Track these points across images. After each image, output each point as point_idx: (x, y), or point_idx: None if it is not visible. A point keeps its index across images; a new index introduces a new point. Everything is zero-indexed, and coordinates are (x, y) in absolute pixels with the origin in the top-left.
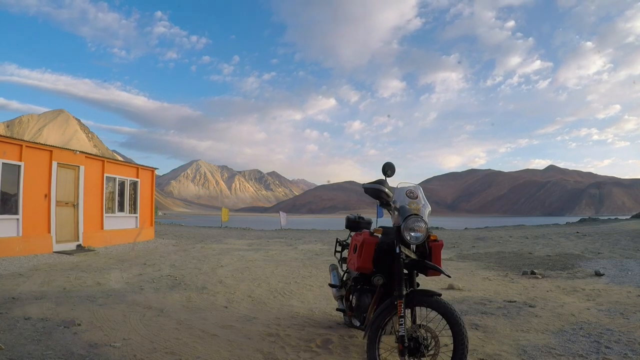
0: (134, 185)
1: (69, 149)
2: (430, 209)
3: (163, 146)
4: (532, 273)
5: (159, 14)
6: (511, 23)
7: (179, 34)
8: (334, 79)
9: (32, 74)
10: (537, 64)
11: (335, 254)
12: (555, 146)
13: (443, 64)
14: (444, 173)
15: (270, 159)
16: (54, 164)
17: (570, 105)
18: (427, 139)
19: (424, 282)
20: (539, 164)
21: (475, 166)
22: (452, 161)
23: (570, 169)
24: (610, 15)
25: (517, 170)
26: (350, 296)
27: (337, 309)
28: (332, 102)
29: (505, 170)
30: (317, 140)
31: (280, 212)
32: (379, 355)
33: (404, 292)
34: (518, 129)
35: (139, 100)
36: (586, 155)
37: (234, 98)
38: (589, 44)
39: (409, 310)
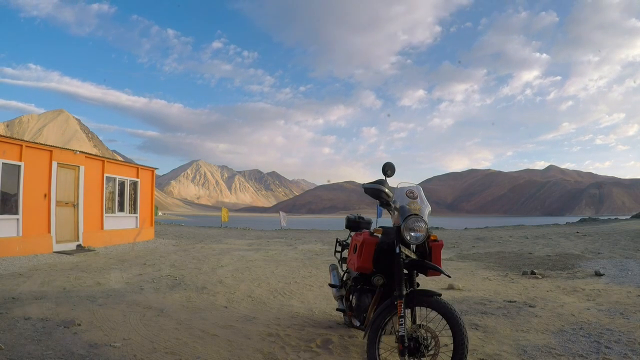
0: (134, 185)
1: (69, 149)
2: (430, 209)
3: (180, 149)
4: (532, 273)
5: (218, 32)
6: (538, 43)
7: (234, 49)
8: (363, 90)
9: (72, 82)
10: (551, 78)
11: (335, 254)
12: (560, 150)
13: (466, 77)
14: (444, 173)
15: (285, 162)
16: (54, 164)
17: (576, 113)
18: (439, 143)
19: (424, 282)
20: (543, 165)
21: (480, 167)
22: (461, 163)
23: (570, 169)
24: (616, 33)
25: (517, 170)
26: (350, 296)
27: (337, 309)
28: (356, 109)
29: (507, 170)
30: (334, 144)
31: (280, 212)
32: (379, 355)
33: (404, 292)
34: (526, 134)
35: (174, 108)
36: (588, 158)
37: (266, 105)
38: (596, 59)
39: (409, 310)
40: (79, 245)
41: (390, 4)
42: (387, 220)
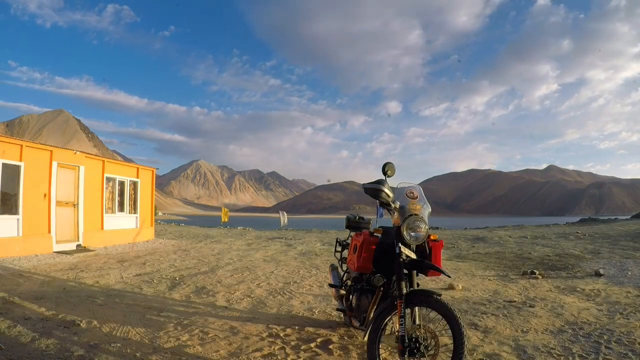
0: (134, 185)
1: (69, 149)
2: (430, 209)
3: (200, 152)
4: (532, 273)
5: (274, 52)
6: (554, 64)
7: (287, 67)
8: (390, 101)
9: (118, 93)
10: (562, 92)
11: (335, 254)
12: (564, 155)
13: (486, 91)
14: (444, 173)
15: (300, 165)
16: (54, 164)
17: (582, 122)
18: (453, 148)
19: (424, 282)
20: (544, 165)
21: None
22: (468, 165)
23: (570, 169)
24: (622, 56)
25: (517, 170)
26: (350, 296)
27: (337, 309)
28: (380, 117)
29: (507, 170)
30: (353, 148)
31: (280, 212)
32: (379, 355)
33: (404, 292)
34: (534, 139)
35: (212, 116)
36: (590, 161)
37: (298, 114)
38: (603, 75)
39: (409, 310)
40: (79, 245)
41: (437, 33)
42: (387, 220)
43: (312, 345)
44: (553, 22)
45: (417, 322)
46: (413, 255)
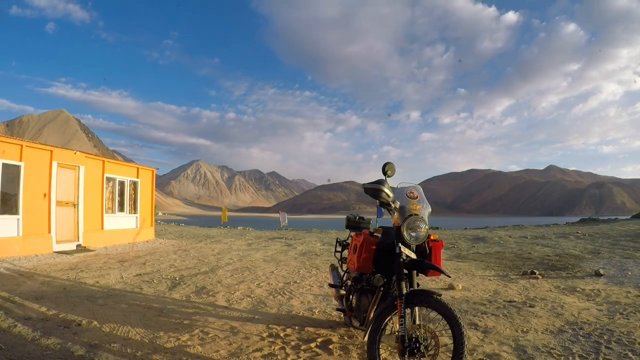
0: (134, 185)
1: (69, 149)
2: (430, 209)
3: (216, 153)
4: (532, 273)
5: (308, 77)
6: (566, 79)
7: (323, 84)
8: (412, 110)
9: (164, 103)
10: (568, 101)
11: (335, 254)
12: (567, 159)
13: (502, 101)
14: (444, 173)
15: (315, 168)
16: (54, 164)
17: (584, 128)
18: (462, 150)
19: (424, 282)
20: (544, 165)
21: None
22: (475, 167)
23: (571, 168)
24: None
25: (518, 170)
26: (350, 296)
27: (337, 309)
28: (400, 124)
29: (508, 170)
30: (369, 151)
31: (280, 212)
32: (379, 355)
33: (404, 292)
34: (539, 142)
35: (242, 121)
36: (592, 163)
37: (323, 121)
38: (611, 86)
39: (409, 310)
40: (79, 245)
41: (466, 54)
42: (387, 220)
43: (312, 345)
44: (572, 43)
45: (417, 322)
46: (413, 255)
